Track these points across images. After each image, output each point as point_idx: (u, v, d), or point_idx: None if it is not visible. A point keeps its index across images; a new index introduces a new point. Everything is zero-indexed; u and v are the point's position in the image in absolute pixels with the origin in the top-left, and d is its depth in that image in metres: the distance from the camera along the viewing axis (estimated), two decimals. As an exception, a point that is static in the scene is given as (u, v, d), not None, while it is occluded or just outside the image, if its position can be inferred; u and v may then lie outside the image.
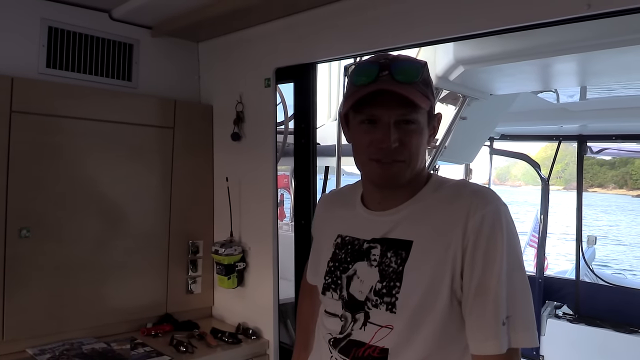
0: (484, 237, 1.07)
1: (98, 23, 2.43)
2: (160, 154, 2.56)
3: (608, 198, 44.81)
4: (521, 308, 1.08)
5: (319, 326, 1.31)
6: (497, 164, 5.24)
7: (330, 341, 1.22)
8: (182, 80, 2.76)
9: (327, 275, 1.26)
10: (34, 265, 2.17)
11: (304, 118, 2.30)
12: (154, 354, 2.19)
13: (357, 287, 1.18)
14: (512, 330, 1.06)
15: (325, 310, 1.27)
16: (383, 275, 1.14)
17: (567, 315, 5.05)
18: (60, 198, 2.25)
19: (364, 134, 1.14)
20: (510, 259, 1.08)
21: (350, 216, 1.28)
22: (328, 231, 1.33)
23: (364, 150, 1.15)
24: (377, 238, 1.18)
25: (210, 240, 2.71)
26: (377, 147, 1.12)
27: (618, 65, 2.73)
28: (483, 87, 3.21)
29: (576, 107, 4.29)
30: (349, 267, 1.21)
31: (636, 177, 49.03)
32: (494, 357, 1.06)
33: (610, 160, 42.52)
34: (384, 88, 1.08)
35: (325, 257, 1.29)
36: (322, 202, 1.48)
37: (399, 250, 1.14)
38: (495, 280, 1.06)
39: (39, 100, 2.20)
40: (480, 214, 1.08)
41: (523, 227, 13.26)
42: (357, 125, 1.16)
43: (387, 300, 1.12)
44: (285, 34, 2.32)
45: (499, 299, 1.06)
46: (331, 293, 1.24)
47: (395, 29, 1.91)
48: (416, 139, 1.13)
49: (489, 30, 1.71)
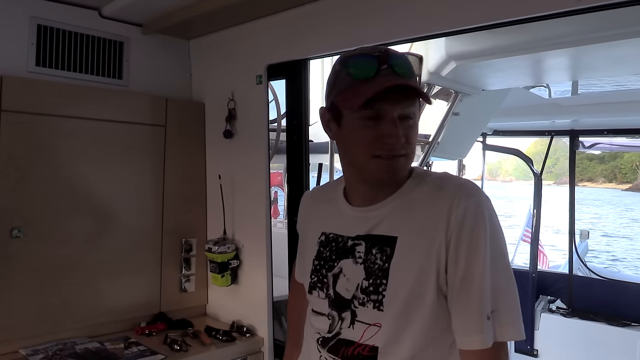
0: (466, 230, 1.07)
1: (88, 21, 2.41)
2: (152, 152, 2.55)
3: (598, 192, 45.18)
4: (506, 301, 1.07)
5: (307, 325, 1.30)
6: (488, 160, 5.26)
7: (318, 340, 1.22)
8: (174, 78, 2.75)
9: (313, 273, 1.25)
10: (26, 266, 2.16)
11: (297, 115, 2.30)
12: (147, 352, 2.18)
13: (343, 285, 1.17)
14: (497, 324, 1.06)
15: (312, 309, 1.26)
16: (369, 273, 1.13)
17: (561, 310, 5.07)
18: (52, 197, 2.23)
19: (367, 130, 1.10)
20: (493, 251, 1.07)
21: (334, 213, 1.27)
22: (312, 229, 1.32)
23: (366, 146, 1.11)
24: (362, 235, 1.17)
25: (203, 238, 2.70)
26: (384, 142, 1.09)
27: (609, 59, 2.75)
28: (475, 83, 3.22)
29: (568, 102, 4.32)
30: (335, 265, 1.20)
31: (625, 171, 49.44)
32: (480, 351, 1.05)
33: (600, 155, 42.86)
34: (399, 83, 1.07)
35: (310, 256, 1.28)
36: (304, 200, 1.46)
37: (384, 246, 1.13)
38: (478, 273, 1.06)
39: (29, 99, 2.18)
40: (462, 206, 1.07)
41: (513, 221, 13.38)
42: (358, 121, 1.11)
43: (375, 298, 1.11)
44: (277, 31, 2.31)
45: (483, 293, 1.05)
46: (318, 292, 1.23)
47: (387, 24, 1.91)
48: (415, 133, 1.14)
49: (480, 25, 1.71)
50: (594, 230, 20.32)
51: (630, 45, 2.38)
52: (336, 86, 1.15)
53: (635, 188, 46.74)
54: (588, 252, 6.81)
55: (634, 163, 46.20)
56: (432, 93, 3.06)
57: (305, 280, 1.28)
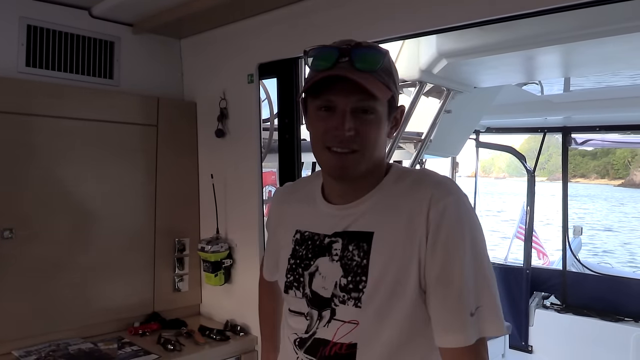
0: (445, 226, 1.06)
1: (78, 21, 2.41)
2: (144, 152, 2.55)
3: (591, 188, 45.44)
4: (489, 298, 1.07)
5: (284, 326, 1.27)
6: (481, 157, 5.25)
7: (295, 342, 1.19)
8: (165, 78, 2.74)
9: (289, 273, 1.22)
10: (18, 266, 2.15)
11: (288, 113, 2.30)
12: (141, 352, 2.17)
13: (319, 283, 1.15)
14: (481, 321, 1.05)
15: (289, 309, 1.24)
16: (347, 270, 1.12)
17: (555, 306, 5.10)
18: (43, 198, 2.22)
19: (320, 121, 1.11)
20: (474, 248, 1.07)
21: (310, 211, 1.25)
22: (285, 226, 1.29)
23: (319, 137, 1.12)
24: (339, 232, 1.16)
25: (196, 238, 2.70)
26: (332, 134, 1.09)
27: (600, 56, 2.76)
28: (467, 80, 3.22)
29: (560, 99, 4.33)
30: (311, 264, 1.18)
31: (617, 167, 49.68)
32: (461, 349, 1.04)
33: (592, 151, 43.13)
34: (340, 74, 1.05)
35: (285, 254, 1.25)
36: (278, 196, 1.42)
37: (360, 242, 1.12)
38: (458, 271, 1.05)
39: (19, 99, 2.17)
40: (442, 204, 1.06)
41: (507, 216, 13.43)
42: (315, 112, 1.13)
43: (355, 296, 1.09)
44: (268, 29, 2.31)
45: (465, 290, 1.04)
46: (294, 291, 1.20)
47: (378, 22, 1.91)
48: (374, 129, 1.11)
49: (471, 22, 1.71)
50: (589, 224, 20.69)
51: (620, 42, 2.39)
52: (306, 78, 1.17)
53: (627, 184, 47.03)
54: (582, 248, 6.84)
55: (626, 159, 46.51)
56: (424, 91, 3.05)
57: (281, 280, 1.25)
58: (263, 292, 1.56)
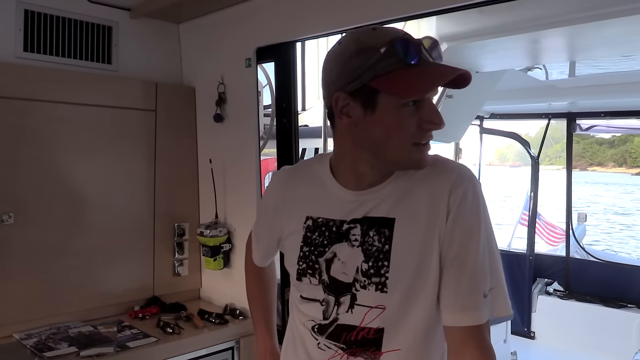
0: (463, 212, 1.08)
1: (75, 5, 2.39)
2: (143, 137, 2.55)
3: (608, 175, 45.07)
4: (499, 280, 1.12)
5: (294, 313, 1.26)
6: (497, 145, 5.25)
7: (314, 328, 1.18)
8: (164, 62, 2.73)
9: (301, 260, 1.19)
10: (18, 251, 2.17)
11: (285, 98, 2.29)
12: (140, 335, 2.19)
13: (339, 269, 1.14)
14: (494, 301, 1.09)
15: (301, 296, 1.22)
16: (367, 255, 1.11)
17: (558, 292, 5.10)
18: (42, 183, 2.23)
19: (409, 117, 1.05)
20: (488, 232, 1.10)
21: (321, 196, 1.21)
22: (290, 212, 1.25)
23: (409, 134, 1.06)
24: (358, 218, 1.14)
25: (196, 223, 2.71)
26: (425, 128, 1.06)
27: (605, 38, 2.72)
28: (468, 65, 3.18)
29: (565, 84, 4.28)
30: (325, 250, 1.16)
31: (635, 155, 48.97)
32: (471, 328, 1.06)
33: (610, 139, 42.65)
34: (460, 73, 1.05)
35: (294, 241, 1.22)
36: (278, 180, 1.34)
37: (382, 228, 1.11)
38: (474, 253, 1.07)
39: (18, 84, 2.17)
40: (462, 189, 1.08)
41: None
42: (397, 108, 1.04)
43: (376, 281, 1.09)
44: (265, 13, 2.29)
45: (481, 272, 1.07)
46: (308, 278, 1.18)
47: (377, 3, 1.89)
48: None
49: (472, 3, 1.68)
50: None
51: (624, 24, 2.36)
52: (372, 69, 1.03)
53: (645, 172, 46.42)
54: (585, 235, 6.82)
55: (644, 147, 45.77)
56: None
57: (291, 268, 1.22)
58: (251, 277, 1.53)
